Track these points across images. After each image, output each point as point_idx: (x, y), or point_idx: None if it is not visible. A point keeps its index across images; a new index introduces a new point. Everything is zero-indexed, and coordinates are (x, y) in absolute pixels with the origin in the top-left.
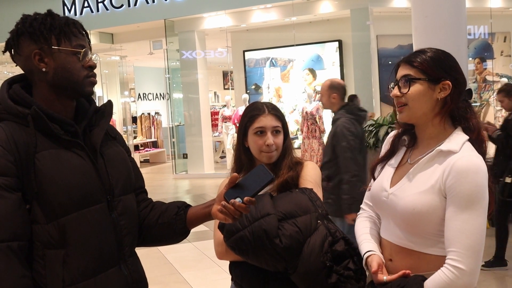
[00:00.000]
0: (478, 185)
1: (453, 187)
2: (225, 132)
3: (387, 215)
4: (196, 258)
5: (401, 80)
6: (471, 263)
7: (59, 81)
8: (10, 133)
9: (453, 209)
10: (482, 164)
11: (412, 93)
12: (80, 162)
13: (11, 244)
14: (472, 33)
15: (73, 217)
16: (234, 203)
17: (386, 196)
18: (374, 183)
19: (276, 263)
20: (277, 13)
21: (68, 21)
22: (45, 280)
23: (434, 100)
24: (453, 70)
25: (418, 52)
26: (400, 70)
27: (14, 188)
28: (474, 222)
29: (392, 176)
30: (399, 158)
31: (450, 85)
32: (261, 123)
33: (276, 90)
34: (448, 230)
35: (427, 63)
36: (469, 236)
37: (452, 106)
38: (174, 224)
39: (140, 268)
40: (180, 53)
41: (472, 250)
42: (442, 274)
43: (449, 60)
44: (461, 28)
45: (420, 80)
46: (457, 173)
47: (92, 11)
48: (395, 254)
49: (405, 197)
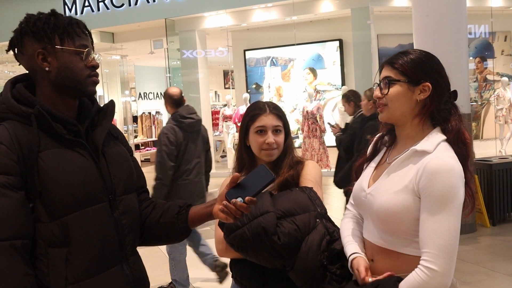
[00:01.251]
0: (451, 185)
1: (426, 188)
2: (225, 131)
3: (366, 215)
4: (197, 257)
5: (383, 81)
6: (444, 264)
7: (62, 80)
8: (14, 132)
9: (426, 210)
10: (455, 164)
11: (391, 94)
12: (82, 161)
13: (14, 242)
14: (472, 32)
15: (75, 216)
16: (236, 203)
17: (364, 196)
18: (356, 183)
19: (274, 260)
20: (277, 12)
21: (72, 21)
22: (48, 278)
23: (414, 101)
24: (434, 72)
25: (400, 53)
26: (383, 71)
27: (17, 187)
28: (447, 222)
29: (371, 176)
30: (379, 158)
31: (430, 87)
32: (262, 122)
33: (277, 89)
34: (422, 231)
35: (408, 64)
36: (441, 237)
37: (432, 107)
38: (175, 223)
39: (141, 267)
40: (180, 52)
41: (445, 251)
42: (415, 275)
43: (431, 62)
44: (462, 27)
45: (399, 81)
46: (430, 173)
47: (93, 10)
48: (375, 254)
49: (380, 197)
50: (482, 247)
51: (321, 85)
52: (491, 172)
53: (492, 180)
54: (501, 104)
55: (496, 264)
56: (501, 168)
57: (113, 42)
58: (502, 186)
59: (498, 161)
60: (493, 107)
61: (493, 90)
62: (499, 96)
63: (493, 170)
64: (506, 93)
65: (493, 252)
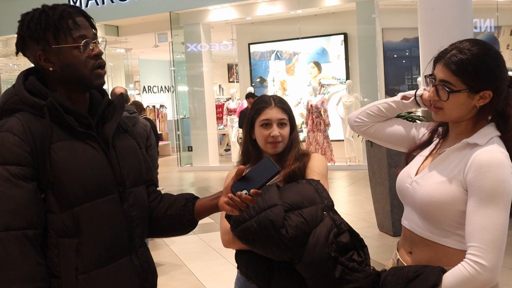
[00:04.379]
0: (500, 180)
1: (474, 181)
2: (230, 125)
3: (408, 203)
4: (201, 250)
5: (440, 85)
6: (492, 259)
7: (68, 77)
8: (27, 123)
9: (474, 204)
10: (505, 160)
11: (451, 102)
12: (94, 153)
13: (26, 232)
14: (478, 27)
15: (86, 207)
16: (241, 195)
17: (409, 182)
18: (403, 169)
19: (282, 253)
20: (282, 6)
21: (63, 14)
22: (59, 268)
23: (472, 106)
24: (495, 77)
25: (458, 52)
26: (439, 71)
27: (29, 178)
28: (495, 217)
29: (421, 165)
30: (431, 147)
31: (491, 95)
32: (267, 115)
33: (281, 83)
34: (469, 225)
35: (469, 73)
36: (490, 231)
37: (491, 110)
38: (182, 215)
39: (150, 259)
40: (185, 45)
41: (494, 246)
42: (462, 269)
43: (492, 65)
44: (468, 21)
45: (459, 92)
46: (479, 166)
47: (98, 4)
48: (414, 245)
49: (426, 185)
50: None
51: (325, 79)
52: None
53: None
54: None
55: None
56: None
57: (118, 36)
58: None
59: None
60: None
61: None
62: None
63: None
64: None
65: None
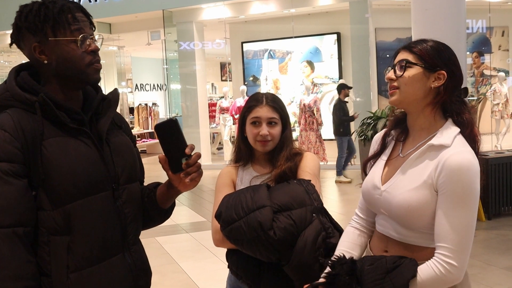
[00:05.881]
0: (471, 182)
1: (445, 185)
2: (222, 123)
3: (381, 212)
4: (194, 248)
5: (398, 64)
6: (462, 259)
7: (63, 71)
8: (18, 120)
9: (445, 205)
10: (474, 160)
11: (406, 77)
12: (86, 150)
13: (16, 229)
14: (470, 27)
15: (78, 204)
16: (187, 164)
17: (379, 193)
18: (365, 179)
19: (269, 254)
20: (275, 5)
21: (63, 8)
22: (50, 266)
23: (428, 88)
24: (451, 62)
25: (419, 40)
26: (400, 55)
27: (20, 175)
28: (465, 219)
29: (383, 172)
30: (389, 152)
31: (445, 76)
32: (256, 114)
33: (274, 82)
34: (439, 226)
35: (426, 50)
36: (460, 233)
37: (445, 97)
38: (146, 207)
39: (144, 256)
40: (178, 44)
41: (463, 247)
42: (435, 268)
43: (448, 53)
44: (461, 21)
45: (416, 65)
46: (450, 170)
47: (90, 1)
48: (391, 246)
49: (399, 194)
50: (478, 240)
51: (318, 78)
52: (487, 166)
53: (488, 174)
54: (497, 99)
55: (491, 257)
56: (497, 162)
57: (110, 33)
58: (498, 180)
59: (494, 155)
60: (490, 102)
61: (489, 85)
62: (496, 91)
63: (489, 164)
64: (502, 88)
65: (488, 246)
